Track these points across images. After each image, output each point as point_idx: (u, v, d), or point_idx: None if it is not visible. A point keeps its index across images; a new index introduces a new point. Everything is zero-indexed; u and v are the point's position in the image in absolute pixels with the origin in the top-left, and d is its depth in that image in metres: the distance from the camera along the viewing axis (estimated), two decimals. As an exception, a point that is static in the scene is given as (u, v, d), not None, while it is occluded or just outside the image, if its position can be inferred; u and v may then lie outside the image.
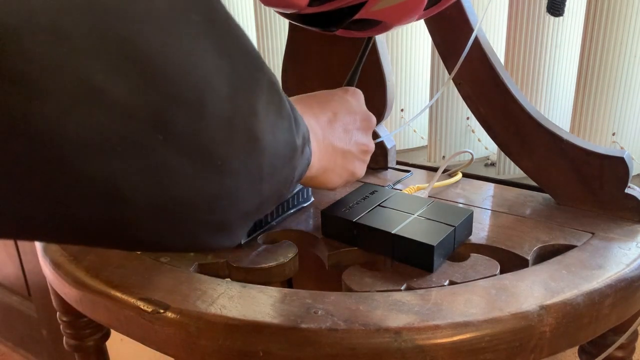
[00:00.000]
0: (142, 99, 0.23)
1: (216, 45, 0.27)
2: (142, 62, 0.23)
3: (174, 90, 0.25)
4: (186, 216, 0.28)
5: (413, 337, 0.40)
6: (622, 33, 0.68)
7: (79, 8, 0.21)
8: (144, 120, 0.24)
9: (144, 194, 0.26)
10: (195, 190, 0.27)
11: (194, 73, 0.25)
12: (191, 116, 0.26)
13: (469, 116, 0.83)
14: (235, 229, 0.32)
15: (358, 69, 0.60)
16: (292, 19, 0.55)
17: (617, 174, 0.56)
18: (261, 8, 0.96)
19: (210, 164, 0.27)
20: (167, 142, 0.25)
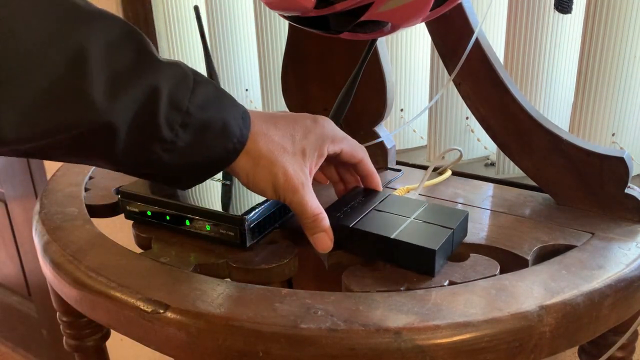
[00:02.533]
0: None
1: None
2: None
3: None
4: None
5: (413, 337, 0.40)
6: (621, 33, 0.68)
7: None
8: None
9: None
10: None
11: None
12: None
13: (469, 116, 0.83)
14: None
15: (359, 73, 0.60)
16: (296, 22, 0.55)
17: (617, 174, 0.56)
18: (261, 8, 0.96)
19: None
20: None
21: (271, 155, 0.48)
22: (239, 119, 0.47)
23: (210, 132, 0.46)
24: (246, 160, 0.48)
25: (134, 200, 0.57)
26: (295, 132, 0.51)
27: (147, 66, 0.43)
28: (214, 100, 0.46)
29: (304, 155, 0.50)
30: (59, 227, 0.58)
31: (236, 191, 0.58)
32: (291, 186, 0.48)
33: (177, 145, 0.45)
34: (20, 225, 1.79)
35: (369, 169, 0.56)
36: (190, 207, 0.54)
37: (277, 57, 0.99)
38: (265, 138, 0.49)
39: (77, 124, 0.40)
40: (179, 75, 0.44)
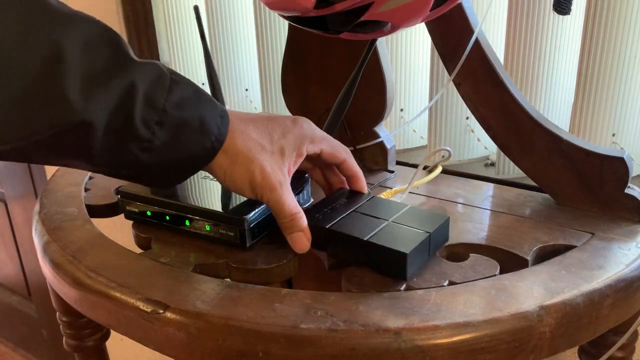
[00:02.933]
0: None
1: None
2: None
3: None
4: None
5: (413, 338, 0.40)
6: (622, 33, 0.68)
7: None
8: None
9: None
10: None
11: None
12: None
13: (469, 116, 0.83)
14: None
15: (359, 73, 0.60)
16: (296, 22, 0.55)
17: (617, 174, 0.56)
18: (261, 8, 0.96)
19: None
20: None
21: (249, 153, 0.48)
22: (217, 117, 0.47)
23: (188, 131, 0.46)
24: (224, 158, 0.48)
25: (134, 200, 0.57)
26: (274, 131, 0.51)
27: (123, 66, 0.43)
28: (191, 99, 0.46)
29: (282, 154, 0.50)
30: (59, 227, 0.58)
31: None
32: (268, 184, 0.48)
33: (154, 144, 0.45)
34: (20, 225, 1.79)
35: (353, 169, 0.56)
36: (190, 207, 0.54)
37: (277, 57, 0.99)
38: (242, 136, 0.49)
39: (54, 124, 0.41)
40: (155, 75, 0.44)
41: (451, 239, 0.54)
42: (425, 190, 0.66)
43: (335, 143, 0.55)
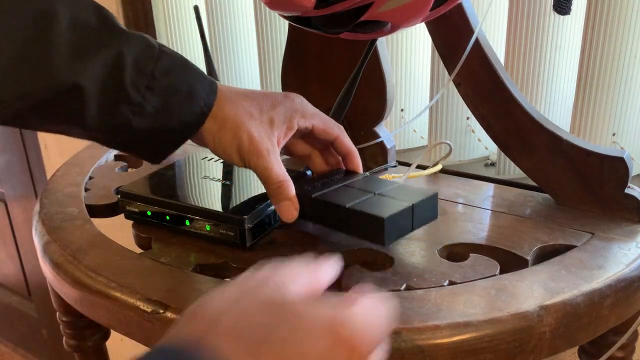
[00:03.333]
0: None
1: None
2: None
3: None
4: None
5: (413, 337, 0.40)
6: (622, 33, 0.68)
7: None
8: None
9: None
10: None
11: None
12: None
13: (469, 116, 0.83)
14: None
15: (359, 73, 0.60)
16: (296, 22, 0.55)
17: (617, 174, 0.56)
18: (261, 8, 0.96)
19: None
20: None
21: (237, 119, 0.49)
22: (205, 85, 0.49)
23: (177, 96, 0.47)
24: (212, 123, 0.49)
25: (134, 200, 0.57)
26: (264, 102, 0.51)
27: (112, 35, 0.45)
28: (179, 67, 0.48)
29: (272, 124, 0.50)
30: (59, 227, 0.58)
31: (236, 191, 0.58)
32: (256, 150, 0.48)
33: (145, 108, 0.46)
34: (20, 225, 1.79)
35: (347, 146, 0.55)
36: (190, 207, 0.54)
37: (277, 57, 0.99)
38: (232, 104, 0.50)
39: (45, 88, 0.43)
40: (144, 44, 0.47)
41: (451, 239, 0.54)
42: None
43: (327, 119, 0.55)
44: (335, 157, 0.58)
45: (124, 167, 0.74)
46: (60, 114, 0.45)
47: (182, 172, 0.62)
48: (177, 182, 0.60)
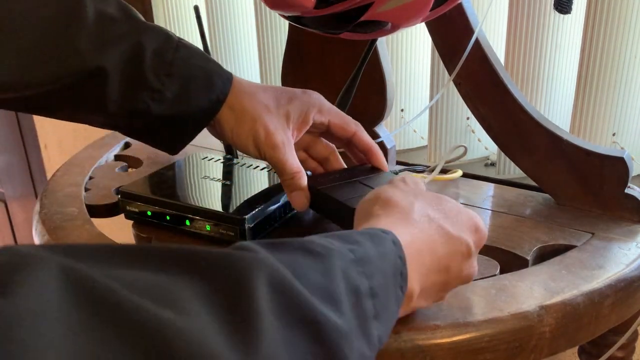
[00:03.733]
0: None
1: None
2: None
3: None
4: None
5: (413, 337, 0.40)
6: (622, 33, 0.68)
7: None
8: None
9: None
10: None
11: None
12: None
13: (469, 116, 0.83)
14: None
15: (359, 73, 0.60)
16: (297, 22, 0.55)
17: (617, 174, 0.56)
18: (261, 8, 0.96)
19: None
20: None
21: (254, 112, 0.50)
22: (222, 74, 0.51)
23: (195, 83, 0.49)
24: (230, 115, 0.51)
25: (134, 200, 0.57)
26: (281, 96, 0.53)
27: (133, 26, 0.48)
28: (197, 57, 0.50)
29: (288, 117, 0.52)
30: (59, 227, 0.58)
31: (236, 191, 0.58)
32: (271, 142, 0.50)
33: (164, 94, 0.48)
34: (20, 225, 1.79)
35: (366, 142, 0.55)
36: (191, 207, 0.54)
37: (277, 57, 0.99)
38: (249, 97, 0.51)
39: (70, 71, 0.45)
40: (164, 36, 0.49)
41: (451, 238, 0.54)
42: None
43: (344, 115, 0.55)
44: (359, 155, 0.57)
45: (124, 167, 0.74)
46: (84, 99, 0.48)
47: (182, 172, 0.62)
48: (177, 182, 0.60)
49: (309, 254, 0.29)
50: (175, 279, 0.23)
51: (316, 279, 0.28)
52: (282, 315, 0.25)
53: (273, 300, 0.25)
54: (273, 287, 0.25)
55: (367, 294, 0.30)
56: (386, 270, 0.33)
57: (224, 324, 0.22)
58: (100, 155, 0.75)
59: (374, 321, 0.30)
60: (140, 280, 0.22)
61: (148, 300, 0.21)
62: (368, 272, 0.31)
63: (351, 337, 0.27)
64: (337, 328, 0.26)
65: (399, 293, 0.34)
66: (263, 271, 0.25)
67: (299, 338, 0.25)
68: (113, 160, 0.76)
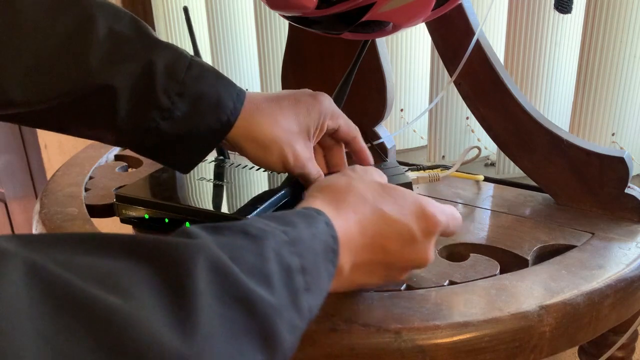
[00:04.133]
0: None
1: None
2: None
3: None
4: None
5: (413, 337, 0.40)
6: (621, 33, 0.68)
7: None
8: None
9: None
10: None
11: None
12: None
13: (469, 116, 0.83)
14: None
15: (353, 72, 0.61)
16: (297, 22, 0.55)
17: (617, 174, 0.56)
18: (261, 8, 0.96)
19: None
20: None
21: (280, 141, 0.51)
22: (233, 93, 0.50)
23: (206, 104, 0.49)
24: (252, 144, 0.51)
25: (131, 204, 0.56)
26: (299, 111, 0.53)
27: (145, 44, 0.47)
28: (209, 76, 0.50)
29: (309, 132, 0.53)
30: (59, 227, 0.58)
31: (235, 192, 0.58)
32: (300, 164, 0.52)
33: (174, 113, 0.48)
34: (20, 225, 1.79)
35: (361, 145, 0.59)
36: (191, 210, 0.54)
37: (277, 57, 0.99)
38: (270, 122, 0.51)
39: (79, 86, 0.45)
40: (176, 53, 0.49)
41: (451, 239, 0.54)
42: (425, 190, 0.66)
43: (348, 119, 0.57)
44: (337, 159, 0.60)
45: (124, 167, 0.74)
46: (93, 115, 0.47)
47: (177, 175, 0.61)
48: (174, 185, 0.60)
49: (246, 236, 0.32)
50: (124, 265, 0.26)
51: (251, 260, 0.31)
52: (220, 295, 0.27)
53: (211, 282, 0.27)
54: (212, 271, 0.28)
55: (298, 271, 0.34)
56: (317, 248, 0.36)
57: (166, 306, 0.25)
58: (100, 155, 0.75)
59: (304, 294, 0.34)
60: (95, 268, 0.25)
61: (101, 288, 0.24)
62: (299, 251, 0.34)
63: (282, 310, 0.31)
64: (268, 304, 0.30)
65: (331, 268, 0.37)
66: (203, 256, 0.28)
67: (234, 315, 0.28)
68: (113, 160, 0.76)
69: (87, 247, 0.26)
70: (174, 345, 0.24)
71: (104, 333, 0.23)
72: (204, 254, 0.28)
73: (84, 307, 0.23)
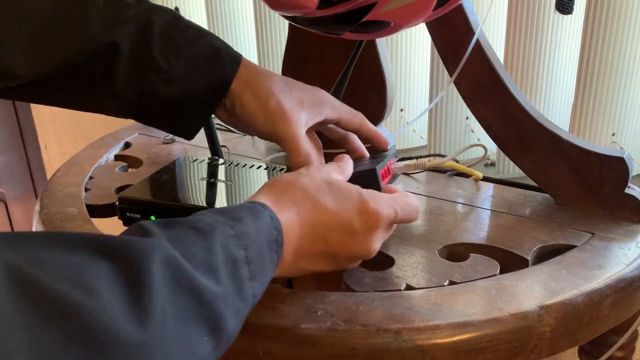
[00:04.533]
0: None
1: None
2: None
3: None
4: None
5: (413, 337, 0.40)
6: (621, 33, 0.68)
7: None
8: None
9: None
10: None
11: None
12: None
13: (469, 116, 0.84)
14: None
15: (348, 72, 0.61)
16: (298, 22, 0.55)
17: (617, 174, 0.56)
18: (261, 8, 0.96)
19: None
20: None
21: (270, 89, 0.51)
22: (231, 54, 0.51)
23: (202, 63, 0.50)
24: (245, 89, 0.51)
25: (136, 206, 0.55)
26: (296, 84, 0.54)
27: (144, 6, 0.49)
28: (205, 38, 0.50)
29: (301, 104, 0.53)
30: (59, 227, 0.58)
31: (237, 190, 0.58)
32: (281, 115, 0.50)
33: (172, 75, 0.49)
34: (20, 225, 1.79)
35: (372, 130, 0.58)
36: (200, 209, 0.53)
37: (277, 57, 0.99)
38: (265, 77, 0.52)
39: (81, 49, 0.47)
40: (172, 16, 0.50)
41: (451, 239, 0.54)
42: (425, 190, 0.66)
43: (350, 109, 0.57)
44: (352, 145, 0.59)
45: (124, 167, 0.74)
46: (93, 82, 0.49)
47: (178, 176, 0.61)
48: (176, 186, 0.60)
49: (196, 231, 0.35)
50: (89, 262, 0.29)
51: (200, 254, 0.34)
52: (172, 287, 0.31)
53: (165, 276, 0.30)
54: (165, 267, 0.31)
55: (243, 262, 0.36)
56: (261, 240, 0.38)
57: (124, 298, 0.28)
58: (100, 155, 0.75)
59: (249, 282, 0.37)
60: (62, 264, 0.28)
61: (68, 284, 0.26)
62: (245, 244, 0.37)
63: (227, 298, 0.34)
64: (215, 293, 0.33)
65: (275, 257, 0.40)
66: (158, 254, 0.31)
67: (185, 304, 0.31)
68: (113, 160, 0.76)
69: (56, 244, 0.29)
70: (130, 332, 0.27)
71: (71, 326, 0.25)
72: (159, 252, 0.31)
73: (55, 304, 0.25)
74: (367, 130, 0.58)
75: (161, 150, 0.78)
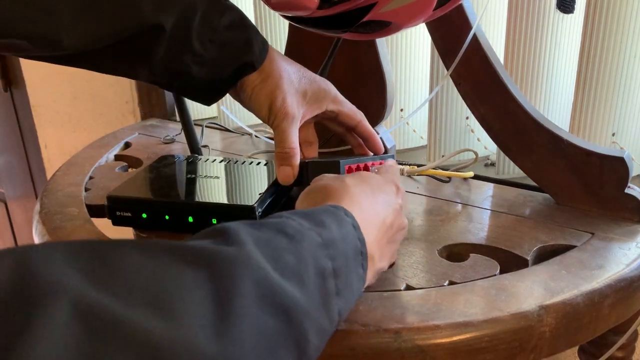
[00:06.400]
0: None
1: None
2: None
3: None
4: None
5: (413, 337, 0.40)
6: (621, 33, 0.68)
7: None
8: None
9: None
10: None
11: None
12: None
13: (469, 116, 0.83)
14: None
15: (326, 69, 0.62)
16: (298, 23, 0.55)
17: (617, 174, 0.56)
18: (261, 8, 0.96)
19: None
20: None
21: (280, 81, 0.54)
22: (259, 42, 0.54)
23: (235, 50, 0.52)
24: (257, 75, 0.54)
25: (128, 204, 0.55)
26: (305, 75, 0.56)
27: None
28: (239, 24, 0.53)
29: (304, 96, 0.55)
30: (59, 227, 0.58)
31: (229, 184, 0.58)
32: (284, 112, 0.53)
33: (205, 59, 0.51)
34: (20, 225, 1.79)
35: (368, 130, 0.60)
36: (194, 203, 0.53)
37: (277, 57, 0.98)
38: (279, 65, 0.55)
39: (132, 25, 0.48)
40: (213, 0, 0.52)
41: (451, 239, 0.54)
42: (425, 190, 0.66)
43: (352, 106, 0.59)
44: (357, 142, 0.62)
45: (124, 167, 0.74)
46: (132, 57, 0.51)
47: (165, 174, 0.61)
48: (164, 183, 0.59)
49: (285, 235, 0.33)
50: (174, 273, 0.26)
51: (290, 261, 0.32)
52: (262, 304, 0.28)
53: (256, 293, 0.28)
54: (256, 282, 0.29)
55: (330, 275, 0.34)
56: (348, 252, 0.37)
57: (208, 317, 0.26)
58: (100, 155, 0.75)
59: (335, 297, 0.34)
60: (139, 284, 0.25)
61: (144, 306, 0.24)
62: (332, 254, 0.35)
63: (312, 314, 0.32)
64: (302, 308, 0.31)
65: (360, 271, 0.38)
66: (248, 268, 0.29)
67: (272, 321, 0.29)
68: (113, 160, 0.76)
69: (140, 254, 0.27)
70: (210, 354, 0.24)
71: (142, 357, 0.23)
72: (249, 266, 0.29)
73: (121, 334, 0.23)
74: (364, 130, 0.60)
75: (161, 150, 0.78)
